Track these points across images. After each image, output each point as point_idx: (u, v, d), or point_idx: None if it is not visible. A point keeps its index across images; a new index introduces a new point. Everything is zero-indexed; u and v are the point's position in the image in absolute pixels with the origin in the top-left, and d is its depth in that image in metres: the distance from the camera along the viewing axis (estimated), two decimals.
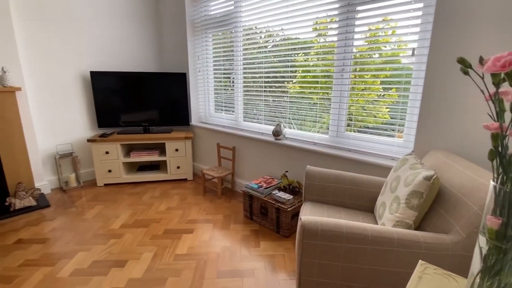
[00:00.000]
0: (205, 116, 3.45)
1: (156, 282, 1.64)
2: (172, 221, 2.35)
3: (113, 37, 3.25)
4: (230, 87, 3.07)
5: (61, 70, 2.93)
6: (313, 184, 1.73)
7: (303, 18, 2.24)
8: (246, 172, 2.90)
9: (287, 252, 1.93)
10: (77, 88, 3.07)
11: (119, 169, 3.08)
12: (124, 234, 2.15)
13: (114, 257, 1.86)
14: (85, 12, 2.99)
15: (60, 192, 2.94)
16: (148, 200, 2.76)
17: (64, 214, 2.46)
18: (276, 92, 2.60)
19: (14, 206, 2.41)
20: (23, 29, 2.63)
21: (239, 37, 2.76)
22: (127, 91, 3.17)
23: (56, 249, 1.95)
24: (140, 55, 3.51)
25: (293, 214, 2.09)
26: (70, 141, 3.09)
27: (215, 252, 1.93)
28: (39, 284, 1.62)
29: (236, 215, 2.47)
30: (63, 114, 3.01)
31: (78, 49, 3.01)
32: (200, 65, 3.31)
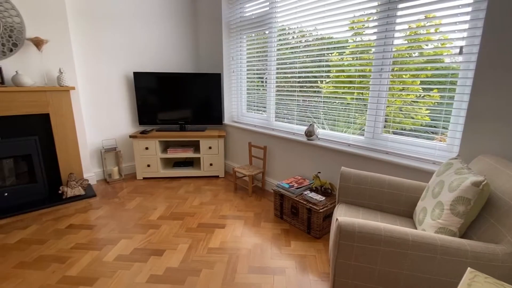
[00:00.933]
0: (237, 115, 3.53)
1: (191, 272, 1.72)
2: (205, 216, 2.44)
3: (154, 39, 3.45)
4: (262, 87, 3.10)
5: (108, 71, 3.17)
6: (348, 186, 1.71)
7: (339, 17, 2.21)
8: (276, 171, 2.92)
9: (318, 254, 1.92)
10: (121, 88, 3.31)
11: (157, 164, 3.27)
12: (162, 225, 2.28)
13: (153, 246, 1.99)
14: (129, 17, 3.21)
15: (104, 183, 3.19)
16: (183, 194, 2.90)
17: (108, 204, 2.67)
18: (308, 92, 2.59)
19: (66, 194, 2.66)
20: (76, 33, 2.90)
21: (273, 37, 2.79)
22: (165, 91, 3.34)
23: (102, 235, 2.12)
24: (178, 56, 3.69)
25: (325, 215, 2.07)
26: (114, 136, 3.34)
27: (246, 248, 1.97)
28: (88, 266, 1.78)
29: (266, 213, 2.50)
30: (109, 111, 3.26)
31: (123, 51, 3.24)
32: (234, 66, 3.39)
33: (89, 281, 1.64)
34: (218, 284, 1.62)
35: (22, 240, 2.04)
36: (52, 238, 2.07)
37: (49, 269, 1.74)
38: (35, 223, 2.29)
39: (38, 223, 2.29)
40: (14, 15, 2.44)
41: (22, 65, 2.53)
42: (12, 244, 1.99)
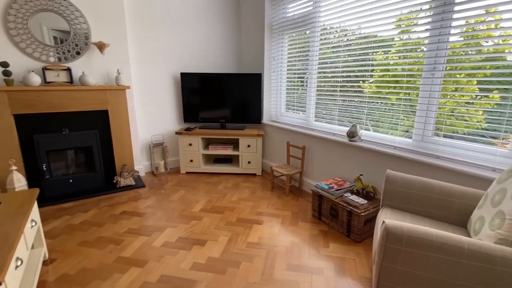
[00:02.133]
0: (275, 115, 3.57)
1: (231, 264, 1.80)
2: (244, 211, 2.52)
3: (200, 42, 3.63)
4: (301, 87, 3.10)
5: (158, 71, 3.42)
6: (394, 190, 1.65)
7: (385, 15, 2.13)
8: (315, 172, 2.89)
9: (358, 257, 1.87)
10: (169, 87, 3.54)
11: (199, 159, 3.44)
12: (203, 217, 2.41)
13: (196, 236, 2.11)
14: (178, 21, 3.43)
15: (151, 175, 3.45)
16: (222, 189, 3.01)
17: (155, 194, 2.88)
18: (350, 92, 2.53)
19: (119, 183, 2.93)
20: (132, 37, 3.17)
21: (315, 37, 2.77)
22: (208, 90, 3.50)
23: (150, 223, 2.31)
24: (220, 57, 3.84)
25: (366, 219, 2.01)
26: (162, 132, 3.59)
27: (284, 246, 2.00)
28: (139, 250, 1.95)
29: (304, 213, 2.50)
30: (158, 109, 3.51)
31: (172, 53, 3.47)
32: (274, 66, 3.43)
33: (140, 263, 1.80)
34: (257, 278, 1.67)
35: (84, 222, 2.31)
36: (108, 222, 2.31)
37: (107, 249, 1.95)
38: (94, 207, 2.56)
39: (97, 208, 2.56)
40: (82, 22, 2.75)
41: (87, 66, 2.84)
42: (76, 225, 2.26)
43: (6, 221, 1.35)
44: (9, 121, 2.47)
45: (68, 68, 2.66)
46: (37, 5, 2.53)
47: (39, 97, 2.54)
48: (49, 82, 2.61)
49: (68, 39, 2.70)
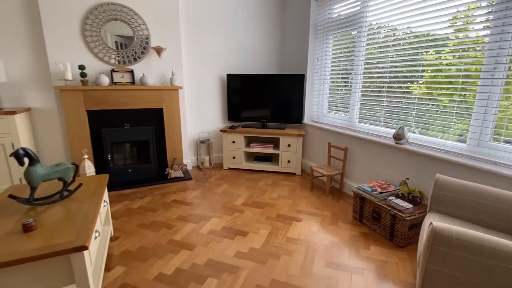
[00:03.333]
0: (317, 115, 3.58)
1: (272, 256, 1.89)
2: (283, 208, 2.59)
3: (245, 44, 3.79)
4: (345, 88, 3.07)
5: (206, 72, 3.66)
6: (443, 195, 1.59)
7: (439, 13, 2.03)
8: (356, 174, 2.85)
9: (401, 262, 1.83)
10: (216, 88, 3.76)
11: (241, 157, 3.60)
12: (245, 211, 2.54)
13: (238, 227, 2.25)
14: (225, 25, 3.62)
15: (197, 169, 3.70)
16: (262, 186, 3.13)
17: (201, 187, 3.10)
18: (397, 93, 2.45)
19: (170, 175, 3.21)
20: (184, 40, 3.44)
21: (362, 36, 2.73)
22: (251, 91, 3.65)
23: (197, 212, 2.51)
24: (264, 58, 3.96)
25: (411, 224, 1.95)
26: (208, 130, 3.83)
27: (323, 244, 2.04)
28: (188, 235, 2.14)
29: (344, 214, 2.49)
30: (205, 108, 3.75)
31: (219, 55, 3.68)
32: (318, 67, 3.45)
33: (189, 247, 1.98)
34: (296, 271, 1.74)
35: (141, 207, 2.59)
36: (161, 209, 2.56)
37: (161, 232, 2.18)
38: (149, 195, 2.86)
39: (151, 195, 2.85)
40: (144, 29, 3.07)
41: (146, 68, 3.17)
42: (134, 209, 2.55)
43: (87, 199, 1.61)
44: (83, 116, 2.87)
45: (131, 70, 3.00)
46: (109, 15, 2.89)
47: (107, 95, 2.91)
48: (115, 82, 2.97)
49: (127, 43, 3.04)
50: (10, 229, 1.28)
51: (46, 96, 2.91)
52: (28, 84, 2.84)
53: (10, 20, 2.67)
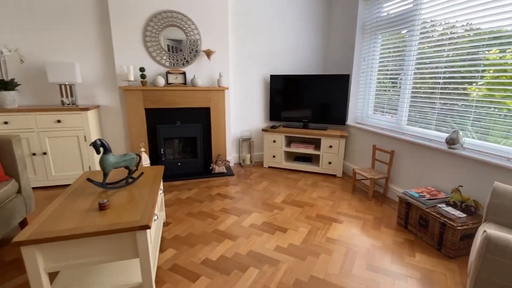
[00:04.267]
0: (361, 117, 3.48)
1: (311, 253, 1.93)
2: (323, 209, 2.60)
3: (289, 45, 3.85)
4: (393, 89, 2.95)
5: (251, 74, 3.80)
6: (501, 204, 1.48)
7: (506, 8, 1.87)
8: (403, 178, 2.73)
9: (450, 273, 1.74)
10: (259, 88, 3.88)
11: (281, 156, 3.67)
12: (284, 208, 2.60)
13: (278, 223, 2.32)
14: (270, 27, 3.72)
15: (239, 166, 3.86)
16: (302, 186, 3.16)
17: (242, 183, 3.24)
18: (453, 95, 2.29)
19: (214, 170, 3.42)
20: (231, 42, 3.61)
21: (414, 35, 2.61)
22: (294, 91, 3.69)
23: (239, 206, 2.64)
24: (308, 58, 3.97)
25: (463, 235, 1.83)
26: (250, 129, 3.97)
27: (364, 247, 2.01)
28: (231, 226, 2.27)
29: (388, 219, 2.42)
30: (248, 108, 3.90)
31: (263, 57, 3.79)
32: (364, 67, 3.36)
33: (232, 237, 2.11)
34: (336, 270, 1.76)
35: (189, 198, 2.81)
36: (207, 200, 2.75)
37: (206, 221, 2.35)
38: (196, 187, 3.08)
39: (197, 188, 3.07)
40: (196, 33, 3.31)
41: (197, 70, 3.41)
42: (183, 199, 2.78)
43: (147, 186, 1.83)
44: (142, 114, 3.20)
45: (183, 72, 3.26)
46: (166, 22, 3.18)
47: (163, 95, 3.20)
48: (170, 83, 3.25)
49: (177, 46, 3.29)
50: (88, 207, 1.53)
51: (112, 95, 3.31)
52: (98, 84, 3.26)
53: (86, 31, 3.09)
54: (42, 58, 3.03)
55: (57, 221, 1.36)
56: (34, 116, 2.78)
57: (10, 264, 1.79)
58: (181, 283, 1.64)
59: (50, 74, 2.82)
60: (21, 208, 2.09)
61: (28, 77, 3.04)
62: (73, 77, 2.90)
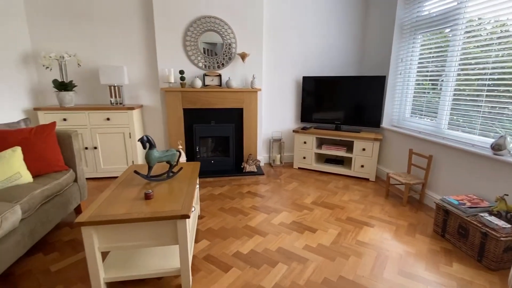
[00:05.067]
0: (397, 119, 3.37)
1: (340, 255, 1.93)
2: (354, 212, 2.57)
3: (323, 46, 3.84)
4: (433, 91, 2.82)
5: (283, 75, 3.85)
6: None
7: None
8: (441, 185, 2.60)
9: (490, 286, 1.64)
10: (291, 90, 3.92)
11: (311, 157, 3.68)
12: (314, 209, 2.62)
13: (307, 224, 2.35)
14: (303, 29, 3.74)
15: (269, 166, 3.94)
16: (332, 188, 3.14)
17: (272, 182, 3.31)
18: (502, 97, 2.14)
19: (245, 168, 3.52)
20: (265, 44, 3.70)
21: (458, 35, 2.48)
22: (327, 93, 3.67)
23: (269, 204, 2.71)
24: (341, 59, 3.92)
25: (507, 246, 1.72)
26: (281, 130, 4.03)
27: (397, 252, 1.97)
28: (261, 223, 2.35)
29: (423, 226, 2.33)
30: (280, 109, 3.96)
31: (296, 59, 3.82)
32: (402, 68, 3.25)
33: (262, 233, 2.19)
34: (365, 272, 1.75)
35: (221, 194, 2.94)
36: (238, 197, 2.86)
37: (237, 217, 2.45)
38: (227, 185, 3.21)
39: (229, 185, 3.19)
40: (232, 37, 3.45)
41: (231, 72, 3.54)
42: (215, 195, 2.92)
43: (185, 180, 1.97)
44: (180, 113, 3.41)
45: (219, 74, 3.41)
46: (205, 27, 3.36)
47: (199, 96, 3.38)
48: (206, 85, 3.43)
49: (213, 49, 3.45)
50: (135, 196, 1.70)
51: (154, 95, 3.57)
52: (142, 86, 3.53)
53: (134, 37, 3.38)
54: (96, 62, 3.37)
55: (109, 207, 1.54)
56: (88, 114, 3.10)
57: (67, 244, 2.04)
58: (214, 272, 1.74)
59: (102, 76, 3.14)
60: (77, 195, 2.37)
61: (84, 79, 3.40)
62: (121, 79, 3.18)
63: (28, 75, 3.18)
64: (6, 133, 2.05)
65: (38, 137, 2.11)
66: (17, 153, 1.94)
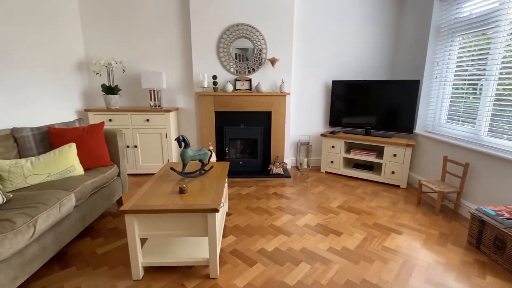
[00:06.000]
0: (432, 125, 3.23)
1: (365, 259, 1.93)
2: (382, 218, 2.53)
3: (353, 50, 3.81)
4: (473, 95, 2.68)
5: (312, 79, 3.89)
6: None
7: None
8: (478, 194, 2.46)
9: None
10: (320, 94, 3.94)
11: (339, 162, 3.65)
12: (340, 213, 2.62)
13: (332, 227, 2.37)
14: (334, 33, 3.75)
15: (295, 169, 3.98)
16: (360, 193, 3.10)
17: (298, 185, 3.35)
18: None
19: (272, 171, 3.61)
20: (294, 49, 3.77)
21: (501, 36, 2.35)
22: (357, 97, 3.64)
23: (294, 206, 2.76)
24: (372, 63, 3.86)
25: None
26: (309, 133, 4.06)
27: (425, 261, 1.92)
28: (286, 223, 2.41)
29: (456, 237, 2.23)
30: (308, 112, 3.99)
31: (325, 63, 3.84)
32: (437, 72, 3.13)
33: (286, 233, 2.25)
34: (390, 278, 1.74)
35: (248, 194, 3.05)
36: (264, 198, 2.95)
37: (263, 216, 2.54)
38: (254, 185, 3.31)
39: (256, 186, 3.30)
40: (263, 43, 3.57)
41: (261, 77, 3.67)
42: (243, 195, 3.03)
43: (215, 178, 2.11)
44: (212, 116, 3.60)
45: (249, 79, 3.55)
46: (237, 34, 3.52)
47: (230, 100, 3.55)
48: (237, 89, 3.58)
49: (244, 54, 3.59)
50: (171, 190, 1.86)
51: (188, 99, 3.81)
52: (178, 90, 3.79)
53: (172, 45, 3.65)
54: (138, 68, 3.69)
55: (148, 199, 1.72)
56: (130, 116, 3.41)
57: (110, 231, 2.28)
58: (239, 265, 1.85)
59: (143, 81, 3.43)
60: (119, 188, 2.62)
61: (127, 84, 3.74)
62: (160, 83, 3.45)
63: (81, 80, 3.57)
64: (64, 131, 2.35)
65: (89, 135, 2.39)
66: (72, 148, 2.23)
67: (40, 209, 1.62)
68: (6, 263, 1.41)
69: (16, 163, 1.96)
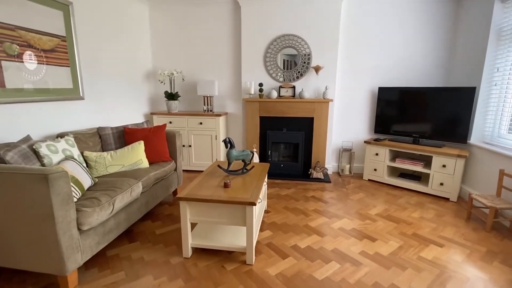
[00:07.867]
0: (490, 136, 2.99)
1: (397, 265, 1.96)
2: (423, 229, 2.47)
3: (403, 55, 3.71)
4: None
5: (357, 86, 3.89)
6: None
7: None
8: None
9: None
10: (365, 100, 3.92)
11: (383, 170, 3.59)
12: (377, 220, 2.63)
13: (367, 232, 2.40)
14: (384, 36, 3.70)
15: (336, 175, 4.01)
16: (403, 203, 3.03)
17: (338, 190, 3.40)
18: None
19: (312, 175, 3.72)
20: (340, 56, 3.83)
21: None
22: (405, 104, 3.53)
23: (331, 210, 2.85)
24: (423, 69, 3.70)
25: None
26: (351, 140, 4.06)
27: (465, 275, 1.86)
28: (320, 225, 2.53)
29: (506, 256, 2.08)
30: (352, 119, 4.00)
31: (371, 69, 3.81)
32: (497, 78, 2.90)
33: (320, 234, 2.37)
34: (421, 287, 1.75)
35: (287, 195, 3.23)
36: (302, 200, 3.09)
37: (299, 217, 2.69)
38: (293, 188, 3.47)
39: (295, 188, 3.45)
40: (308, 52, 3.73)
41: (305, 84, 3.82)
42: (282, 195, 3.22)
43: (256, 177, 2.35)
44: (256, 121, 3.87)
45: (293, 86, 3.74)
46: (283, 44, 3.75)
47: (274, 105, 3.78)
48: (281, 96, 3.80)
49: (291, 60, 3.77)
50: (217, 184, 2.16)
51: (236, 105, 4.16)
52: (228, 97, 4.16)
53: (224, 56, 4.04)
54: (195, 77, 4.17)
55: (198, 190, 2.03)
56: (186, 119, 3.88)
57: (167, 217, 2.68)
58: (273, 257, 2.04)
59: (199, 88, 3.88)
60: (175, 181, 3.04)
61: (185, 91, 4.25)
62: (213, 91, 3.86)
63: (148, 87, 4.19)
64: (135, 131, 2.85)
65: (154, 135, 2.86)
66: (141, 145, 2.70)
67: (117, 192, 2.05)
68: (94, 230, 1.85)
69: (100, 155, 2.48)
